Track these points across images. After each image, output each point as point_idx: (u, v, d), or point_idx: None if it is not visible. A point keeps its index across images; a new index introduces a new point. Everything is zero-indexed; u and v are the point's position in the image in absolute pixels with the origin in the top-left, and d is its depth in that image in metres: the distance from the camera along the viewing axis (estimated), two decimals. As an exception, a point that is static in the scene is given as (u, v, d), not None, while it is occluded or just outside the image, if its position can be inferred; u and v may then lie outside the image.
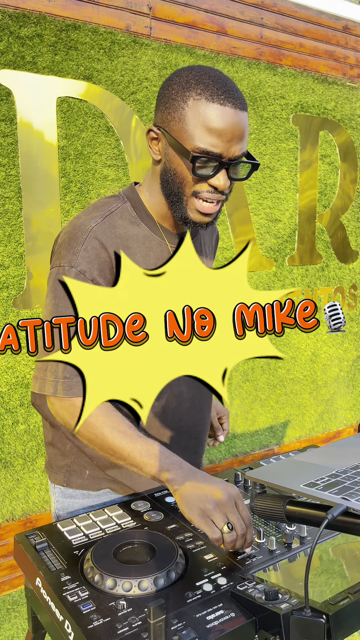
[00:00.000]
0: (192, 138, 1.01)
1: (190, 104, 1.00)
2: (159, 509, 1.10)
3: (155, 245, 1.16)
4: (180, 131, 1.02)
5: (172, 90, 1.04)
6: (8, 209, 2.18)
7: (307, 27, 3.03)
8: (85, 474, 1.24)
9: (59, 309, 1.07)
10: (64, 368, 1.06)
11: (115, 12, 2.35)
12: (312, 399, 3.43)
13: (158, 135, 1.08)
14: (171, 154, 1.06)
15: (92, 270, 1.06)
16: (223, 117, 0.99)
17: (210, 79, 1.01)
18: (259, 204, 2.97)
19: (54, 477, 1.28)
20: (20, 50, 2.13)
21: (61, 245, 1.11)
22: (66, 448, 1.25)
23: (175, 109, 1.03)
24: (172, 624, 0.76)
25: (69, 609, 0.80)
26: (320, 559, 0.95)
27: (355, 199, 3.45)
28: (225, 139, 1.01)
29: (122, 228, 1.12)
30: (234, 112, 1.00)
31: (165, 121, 1.05)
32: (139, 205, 1.16)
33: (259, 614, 0.78)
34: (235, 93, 1.02)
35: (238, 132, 1.01)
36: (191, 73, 1.03)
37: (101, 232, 1.08)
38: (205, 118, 0.99)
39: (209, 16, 2.64)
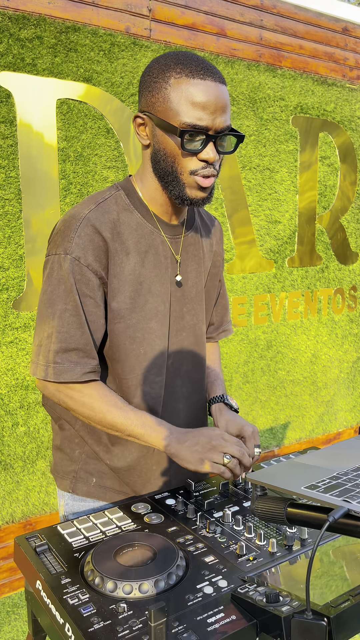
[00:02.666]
0: (177, 114, 1.03)
1: (172, 83, 1.03)
2: (159, 511, 1.09)
3: (147, 232, 1.17)
4: (166, 110, 1.05)
5: (152, 74, 1.07)
6: (8, 210, 2.18)
7: (306, 28, 3.03)
8: (92, 481, 1.24)
9: (53, 296, 1.10)
10: (55, 353, 1.09)
11: (115, 14, 2.35)
12: (312, 401, 3.43)
13: (144, 119, 1.10)
14: (159, 134, 1.08)
15: (87, 256, 1.09)
16: (205, 90, 1.03)
17: (187, 58, 1.05)
18: (258, 205, 2.97)
19: (60, 482, 1.28)
20: (20, 52, 2.13)
21: (56, 234, 1.13)
22: (74, 454, 1.25)
23: (158, 91, 1.05)
24: (173, 627, 0.76)
25: (69, 611, 0.79)
26: (321, 561, 0.95)
27: (355, 201, 3.45)
28: (209, 111, 1.03)
29: (114, 214, 1.13)
30: (214, 85, 1.03)
31: (149, 104, 1.08)
32: (132, 193, 1.18)
33: (260, 616, 0.78)
34: (212, 68, 1.05)
35: (221, 103, 1.04)
36: (168, 57, 1.07)
37: (94, 218, 1.10)
38: (188, 93, 1.03)
39: (208, 18, 2.64)
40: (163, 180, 1.12)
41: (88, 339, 1.11)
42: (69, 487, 1.26)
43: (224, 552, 0.95)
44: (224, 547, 0.96)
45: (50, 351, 1.09)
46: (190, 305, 1.26)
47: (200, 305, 1.29)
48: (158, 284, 1.18)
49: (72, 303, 1.09)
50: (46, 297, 1.11)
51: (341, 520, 0.74)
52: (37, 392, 2.32)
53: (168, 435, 1.10)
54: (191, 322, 1.27)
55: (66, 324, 1.09)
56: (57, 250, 1.10)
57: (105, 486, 1.24)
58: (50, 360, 1.09)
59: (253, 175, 2.93)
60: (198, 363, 1.30)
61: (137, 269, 1.15)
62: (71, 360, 1.09)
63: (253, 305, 3.03)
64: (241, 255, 2.94)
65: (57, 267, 1.10)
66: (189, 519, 1.06)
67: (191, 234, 1.27)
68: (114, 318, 1.14)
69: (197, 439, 1.09)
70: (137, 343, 1.16)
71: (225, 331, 1.50)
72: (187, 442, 1.09)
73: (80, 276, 1.09)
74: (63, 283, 1.09)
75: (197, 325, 1.28)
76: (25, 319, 2.26)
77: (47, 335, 1.10)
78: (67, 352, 1.09)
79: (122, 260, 1.13)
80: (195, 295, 1.27)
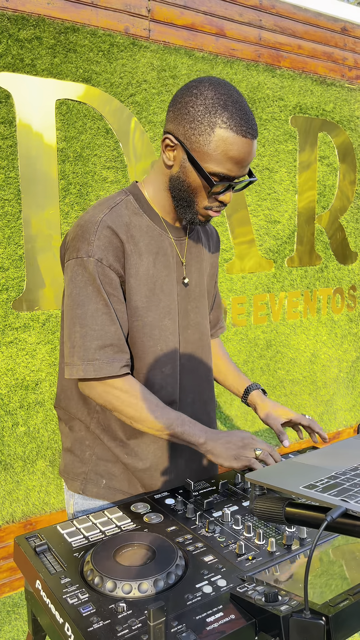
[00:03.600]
0: (212, 161, 1.10)
1: (216, 132, 1.08)
2: (158, 510, 1.10)
3: (156, 235, 1.23)
4: (202, 153, 1.11)
5: (197, 110, 1.10)
6: (7, 211, 2.18)
7: (305, 28, 3.03)
8: (102, 483, 1.27)
9: (81, 297, 1.14)
10: (93, 351, 1.14)
11: (114, 14, 2.35)
12: (312, 400, 3.43)
13: (175, 145, 1.14)
14: (188, 168, 1.14)
15: (108, 257, 1.14)
16: (243, 148, 1.10)
17: (233, 105, 1.09)
18: (258, 205, 2.97)
19: (70, 483, 1.31)
20: (19, 53, 2.13)
21: (74, 239, 1.17)
22: (85, 455, 1.28)
23: (200, 132, 1.09)
24: (172, 626, 0.76)
25: (68, 611, 0.80)
26: (321, 560, 0.95)
27: (354, 200, 3.45)
28: (240, 166, 1.12)
29: (126, 217, 1.19)
30: (251, 143, 1.11)
31: (186, 136, 1.12)
32: (141, 198, 1.24)
33: (259, 615, 0.78)
34: (252, 121, 1.12)
35: (251, 158, 1.13)
36: (216, 95, 1.09)
37: (110, 220, 1.16)
38: (228, 147, 1.09)
39: (207, 18, 2.64)
40: (176, 201, 1.21)
41: (120, 335, 1.17)
42: (79, 489, 1.28)
43: (223, 552, 0.95)
44: (223, 547, 0.96)
45: (88, 350, 1.14)
46: (194, 303, 1.32)
47: (202, 303, 1.35)
48: (168, 283, 1.24)
49: (102, 302, 1.14)
50: (73, 300, 1.15)
51: (339, 519, 0.74)
52: (36, 392, 2.32)
53: (204, 434, 1.18)
54: (195, 320, 1.33)
55: (99, 322, 1.14)
56: (78, 254, 1.15)
57: (115, 488, 1.27)
58: (89, 358, 1.14)
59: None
60: (204, 358, 1.36)
61: (150, 270, 1.21)
62: (107, 356, 1.15)
63: (252, 305, 3.03)
64: (240, 255, 2.94)
65: (81, 270, 1.14)
66: (189, 519, 1.06)
67: (193, 236, 1.34)
68: (131, 316, 1.20)
69: (230, 438, 1.18)
70: (154, 340, 1.22)
71: (221, 328, 1.58)
72: (221, 440, 1.18)
73: (104, 276, 1.14)
74: (90, 284, 1.14)
75: (201, 323, 1.34)
76: (25, 319, 2.26)
77: (80, 335, 1.15)
78: (104, 348, 1.15)
79: (137, 261, 1.19)
80: (198, 294, 1.33)
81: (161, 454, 1.27)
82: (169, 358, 1.25)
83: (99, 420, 1.25)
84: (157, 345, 1.22)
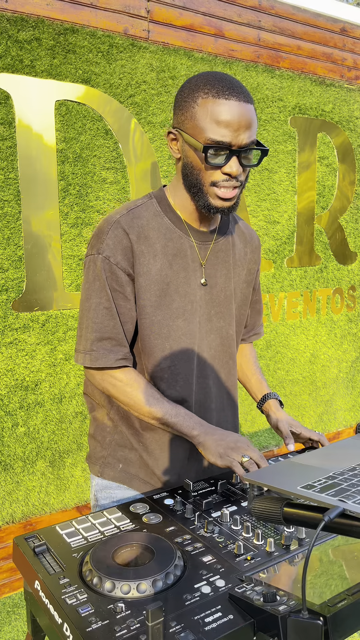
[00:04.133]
0: (203, 132, 1.12)
1: (199, 102, 1.12)
2: (157, 511, 1.10)
3: (176, 237, 1.26)
4: (193, 128, 1.14)
5: (183, 94, 1.17)
6: (7, 211, 2.18)
7: (304, 29, 3.04)
8: (119, 467, 1.33)
9: (90, 292, 1.23)
10: (91, 342, 1.22)
11: (113, 15, 2.36)
12: (312, 400, 3.43)
13: (176, 135, 1.20)
14: (187, 149, 1.17)
15: (116, 255, 1.20)
16: (229, 109, 1.10)
17: (215, 79, 1.13)
18: (257, 205, 2.98)
19: (92, 467, 1.39)
20: (18, 54, 2.14)
21: (92, 237, 1.26)
22: (105, 441, 1.35)
23: (187, 109, 1.15)
24: (171, 627, 0.76)
25: (67, 611, 0.80)
26: (320, 560, 0.95)
27: (353, 201, 3.45)
28: (232, 129, 1.11)
29: (144, 219, 1.24)
30: (238, 104, 1.11)
31: (180, 122, 1.18)
32: (163, 201, 1.28)
33: (257, 616, 0.78)
34: (239, 89, 1.13)
35: (244, 121, 1.12)
36: (199, 77, 1.16)
37: (124, 222, 1.22)
38: (213, 112, 1.11)
39: (206, 19, 2.65)
40: (190, 191, 1.22)
41: (119, 329, 1.22)
42: (98, 472, 1.35)
43: (221, 552, 0.95)
44: (221, 547, 0.96)
45: (88, 340, 1.22)
46: (218, 308, 1.33)
47: (228, 309, 1.35)
48: (185, 285, 1.26)
49: (105, 297, 1.21)
50: (83, 293, 1.25)
51: (337, 519, 0.75)
52: (36, 393, 2.32)
53: (198, 427, 1.21)
54: (218, 325, 1.33)
55: (100, 315, 1.21)
56: (91, 251, 1.24)
57: (131, 473, 1.32)
58: (88, 348, 1.22)
59: (252, 176, 2.93)
60: (226, 365, 1.37)
61: (164, 271, 1.24)
62: (105, 348, 1.22)
63: (252, 306, 3.04)
64: (240, 255, 2.94)
65: (92, 266, 1.23)
66: (187, 519, 1.06)
67: (222, 240, 1.34)
68: (139, 314, 1.24)
69: (225, 436, 1.19)
70: (162, 339, 1.25)
71: (257, 334, 1.60)
72: (215, 435, 1.19)
73: (110, 273, 1.20)
74: (98, 280, 1.22)
75: (224, 328, 1.35)
76: (25, 320, 2.26)
77: (84, 326, 1.24)
78: (102, 340, 1.22)
79: (149, 262, 1.22)
80: (224, 299, 1.34)
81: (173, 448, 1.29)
82: (180, 359, 1.26)
83: (118, 408, 1.31)
84: (165, 343, 1.25)
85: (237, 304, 1.39)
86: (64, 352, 2.37)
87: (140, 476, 1.31)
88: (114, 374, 1.24)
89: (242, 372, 1.56)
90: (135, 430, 1.30)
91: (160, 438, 1.29)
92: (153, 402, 1.22)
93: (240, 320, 1.42)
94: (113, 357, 1.22)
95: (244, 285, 1.41)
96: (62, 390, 2.39)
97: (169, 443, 1.29)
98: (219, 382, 1.36)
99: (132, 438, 1.30)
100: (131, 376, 1.24)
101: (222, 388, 1.37)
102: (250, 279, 1.44)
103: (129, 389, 1.23)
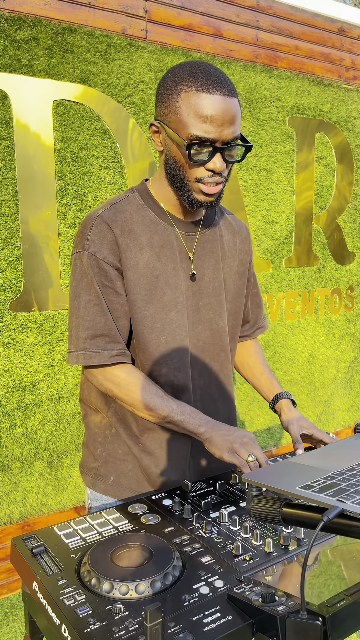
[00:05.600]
0: (186, 127, 1.09)
1: (182, 96, 1.09)
2: (156, 511, 1.10)
3: (161, 229, 1.24)
4: (176, 122, 1.11)
5: (166, 86, 1.14)
6: (5, 211, 2.18)
7: (302, 29, 3.04)
8: (110, 480, 1.31)
9: (78, 290, 1.21)
10: (83, 340, 1.20)
11: (111, 15, 2.35)
12: (310, 401, 3.43)
13: (158, 128, 1.17)
14: (170, 143, 1.15)
15: (102, 250, 1.18)
16: (212, 104, 1.07)
17: (199, 71, 1.10)
18: (255, 206, 2.98)
19: (84, 477, 1.37)
20: (16, 54, 2.13)
21: (77, 235, 1.24)
22: (96, 452, 1.33)
23: (170, 103, 1.11)
24: (169, 627, 0.76)
25: (65, 612, 0.80)
26: (318, 560, 0.95)
27: (351, 201, 3.46)
28: (216, 124, 1.08)
29: (127, 213, 1.22)
30: (222, 99, 1.08)
31: (162, 114, 1.14)
32: (146, 194, 1.26)
33: (256, 616, 0.78)
34: (223, 82, 1.10)
35: (228, 117, 1.09)
36: (182, 68, 1.12)
37: (107, 216, 1.20)
38: (196, 107, 1.08)
39: (204, 19, 2.65)
40: (174, 185, 1.20)
41: (112, 325, 1.20)
42: (90, 483, 1.34)
43: (220, 553, 0.95)
44: (220, 547, 0.96)
45: (79, 339, 1.20)
46: (207, 299, 1.30)
47: (217, 300, 1.32)
48: (175, 277, 1.24)
49: (94, 294, 1.19)
50: (71, 291, 1.23)
51: (336, 520, 0.74)
52: (34, 394, 2.32)
53: (205, 423, 1.20)
54: (207, 316, 1.31)
55: (90, 313, 1.19)
56: (77, 249, 1.22)
57: (122, 485, 1.30)
58: (80, 347, 1.20)
59: (250, 176, 2.93)
60: (217, 357, 1.34)
61: (152, 263, 1.22)
62: (98, 345, 1.19)
63: (250, 306, 3.04)
64: (238, 255, 2.94)
65: (79, 264, 1.21)
66: (186, 520, 1.06)
67: (208, 231, 1.32)
68: (131, 309, 1.22)
69: (231, 432, 1.18)
70: (156, 333, 1.23)
71: (261, 328, 1.57)
72: (222, 431, 1.18)
73: (97, 269, 1.18)
74: (85, 277, 1.20)
75: (213, 320, 1.32)
76: (22, 320, 2.26)
77: (75, 325, 1.21)
78: (94, 338, 1.19)
79: (136, 255, 1.20)
80: (212, 290, 1.31)
81: (172, 449, 1.28)
82: (177, 352, 1.25)
83: (115, 410, 1.29)
84: (159, 338, 1.23)
85: (230, 295, 1.36)
86: (62, 352, 2.37)
87: (133, 487, 1.29)
88: (113, 372, 1.21)
89: (250, 372, 1.54)
90: (132, 432, 1.28)
91: (160, 437, 1.27)
92: (157, 401, 1.20)
93: (235, 312, 1.39)
94: (107, 354, 1.19)
95: (236, 277, 1.38)
96: (60, 391, 2.39)
97: (169, 442, 1.28)
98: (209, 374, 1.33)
99: (130, 440, 1.28)
100: (132, 374, 1.22)
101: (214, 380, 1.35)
102: (243, 270, 1.41)
103: (132, 388, 1.20)
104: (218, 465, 1.35)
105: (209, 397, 1.34)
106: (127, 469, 1.29)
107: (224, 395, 1.39)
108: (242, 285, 1.41)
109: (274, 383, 1.50)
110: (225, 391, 1.39)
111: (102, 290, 1.19)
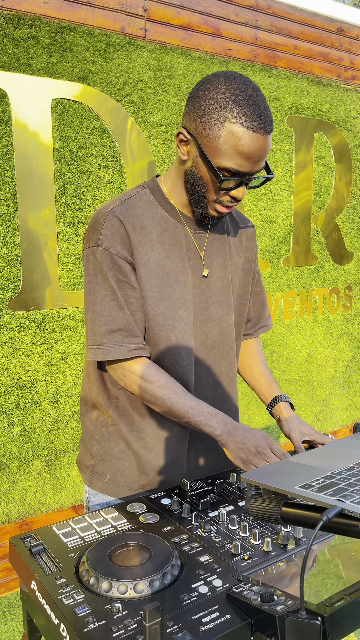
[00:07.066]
0: (222, 156, 1.10)
1: (226, 126, 1.08)
2: (154, 510, 1.09)
3: (171, 226, 1.25)
4: (212, 147, 1.11)
5: (208, 104, 1.10)
6: (3, 210, 2.17)
7: (301, 29, 3.04)
8: (106, 478, 1.31)
9: (92, 285, 1.20)
10: (101, 335, 1.19)
11: (110, 14, 2.35)
12: (308, 400, 3.43)
13: (188, 140, 1.16)
14: (199, 163, 1.15)
15: (115, 245, 1.18)
16: (253, 142, 1.09)
17: (245, 100, 1.08)
18: (254, 205, 2.98)
19: (82, 474, 1.38)
20: (15, 52, 2.13)
21: (87, 230, 1.24)
22: (93, 449, 1.33)
23: (210, 127, 1.10)
24: (168, 627, 0.76)
25: (64, 612, 0.79)
26: (317, 560, 0.95)
27: (349, 201, 3.46)
28: (251, 161, 1.11)
29: (139, 209, 1.22)
30: (263, 138, 1.09)
31: (198, 131, 1.12)
32: (157, 191, 1.26)
33: (255, 615, 0.78)
34: (266, 117, 1.10)
35: (264, 154, 1.12)
36: (228, 89, 1.09)
37: (119, 212, 1.20)
38: (238, 142, 1.08)
39: (203, 18, 2.64)
40: (190, 195, 1.22)
41: (129, 319, 1.20)
42: (87, 481, 1.35)
43: (219, 552, 0.95)
44: (219, 547, 0.96)
45: (97, 334, 1.20)
46: (216, 297, 1.31)
47: (226, 298, 1.33)
48: (184, 274, 1.25)
49: (110, 289, 1.18)
50: (86, 287, 1.22)
51: (335, 519, 0.74)
52: (32, 392, 2.32)
53: (221, 427, 1.18)
54: (216, 314, 1.31)
55: (107, 307, 1.19)
56: (89, 244, 1.21)
57: (119, 483, 1.30)
58: (98, 342, 1.19)
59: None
60: (225, 354, 1.34)
61: (162, 260, 1.22)
62: (116, 340, 1.19)
63: (249, 305, 3.04)
64: (237, 255, 2.94)
65: (92, 259, 1.20)
66: (184, 519, 1.06)
67: (217, 229, 1.33)
68: (143, 305, 1.22)
69: (247, 439, 1.16)
70: (166, 330, 1.23)
71: (264, 326, 1.56)
72: (238, 437, 1.17)
73: (112, 264, 1.18)
74: (99, 272, 1.19)
75: (222, 318, 1.32)
76: (21, 319, 2.26)
77: (91, 320, 1.21)
78: (112, 332, 1.19)
79: (147, 252, 1.21)
80: (221, 288, 1.32)
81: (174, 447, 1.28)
82: (186, 349, 1.25)
83: (117, 406, 1.29)
84: (170, 334, 1.23)
85: (236, 293, 1.37)
86: (60, 351, 2.36)
87: (129, 485, 1.29)
88: (131, 367, 1.20)
89: (250, 373, 1.53)
90: (134, 427, 1.28)
91: (161, 434, 1.27)
92: (175, 399, 1.19)
93: (240, 311, 1.39)
94: (125, 349, 1.18)
95: (242, 274, 1.38)
96: (59, 390, 2.39)
97: (169, 439, 1.28)
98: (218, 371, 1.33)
99: (131, 436, 1.28)
100: (150, 370, 1.21)
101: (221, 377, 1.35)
102: (249, 267, 1.42)
103: (150, 385, 1.20)
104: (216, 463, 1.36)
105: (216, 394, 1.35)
106: (124, 467, 1.29)
107: (230, 391, 1.39)
108: (247, 282, 1.42)
109: (273, 385, 1.49)
110: (232, 388, 1.40)
111: (117, 285, 1.18)
